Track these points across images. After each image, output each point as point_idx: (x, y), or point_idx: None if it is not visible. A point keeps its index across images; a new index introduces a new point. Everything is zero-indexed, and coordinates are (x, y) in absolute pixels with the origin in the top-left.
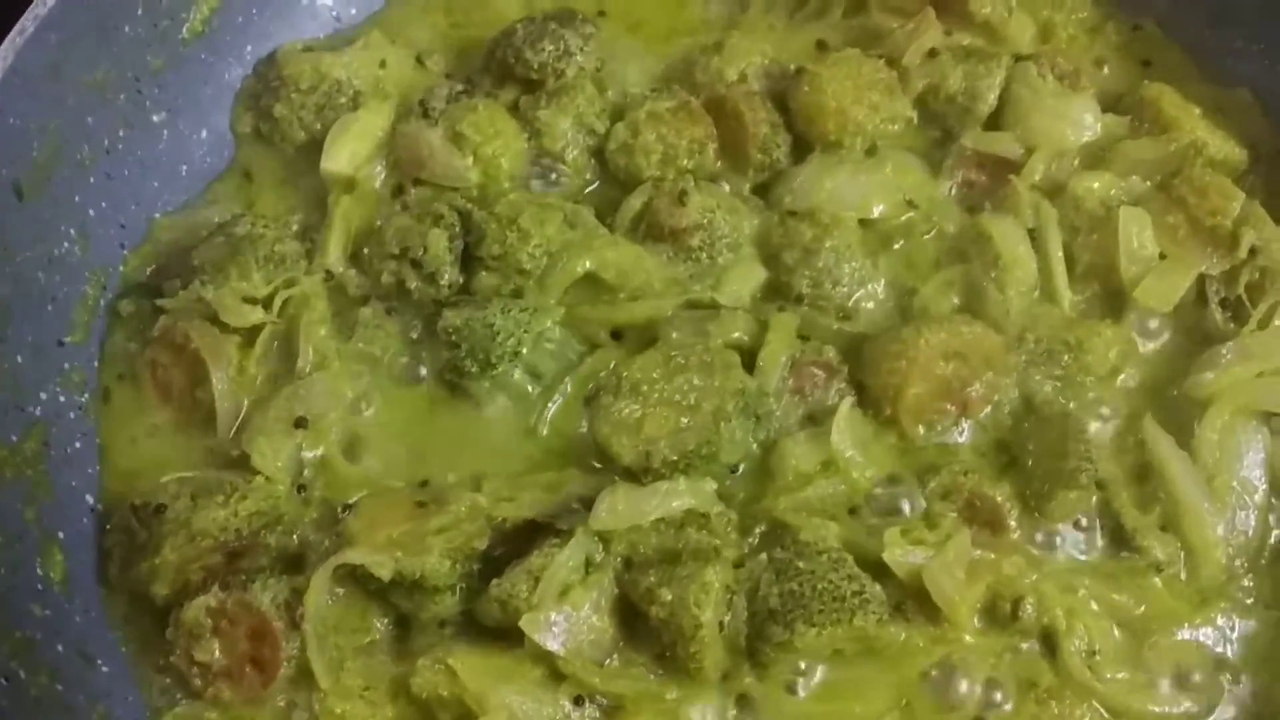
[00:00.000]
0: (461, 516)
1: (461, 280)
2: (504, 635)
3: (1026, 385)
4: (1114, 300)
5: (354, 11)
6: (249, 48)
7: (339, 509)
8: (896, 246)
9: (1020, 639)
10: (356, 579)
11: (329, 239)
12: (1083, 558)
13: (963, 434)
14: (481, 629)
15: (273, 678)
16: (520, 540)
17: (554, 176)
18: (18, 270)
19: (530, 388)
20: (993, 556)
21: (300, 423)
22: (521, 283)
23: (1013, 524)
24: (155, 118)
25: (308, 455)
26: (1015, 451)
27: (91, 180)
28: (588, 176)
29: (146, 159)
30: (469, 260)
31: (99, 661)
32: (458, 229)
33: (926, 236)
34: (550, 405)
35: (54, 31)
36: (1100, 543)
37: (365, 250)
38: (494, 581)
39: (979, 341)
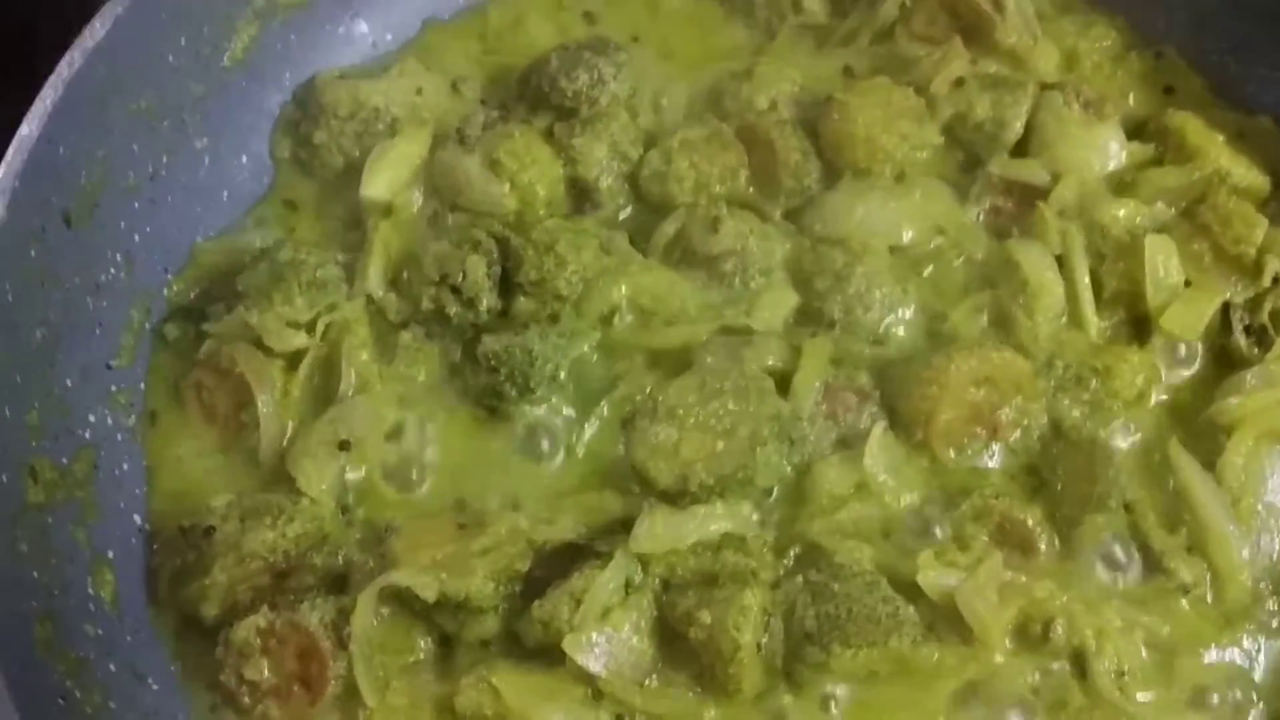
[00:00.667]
0: (503, 538)
1: (500, 306)
2: (545, 655)
3: (1055, 410)
4: (1140, 326)
5: (390, 39)
6: (288, 75)
7: (382, 530)
8: (926, 272)
9: (1051, 659)
10: (401, 599)
11: (369, 265)
12: (1111, 580)
13: (993, 458)
14: (523, 649)
15: (320, 696)
16: (560, 562)
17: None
18: (66, 296)
19: (568, 412)
20: (1024, 579)
21: (344, 445)
22: (558, 308)
23: (1042, 546)
24: (197, 144)
25: (351, 477)
26: (1044, 475)
27: (136, 206)
28: (621, 202)
29: (189, 185)
30: (507, 286)
31: (149, 680)
32: (495, 255)
33: (955, 263)
34: (587, 429)
35: (102, 62)
36: (1128, 565)
37: (405, 275)
38: (536, 603)
39: (1008, 367)
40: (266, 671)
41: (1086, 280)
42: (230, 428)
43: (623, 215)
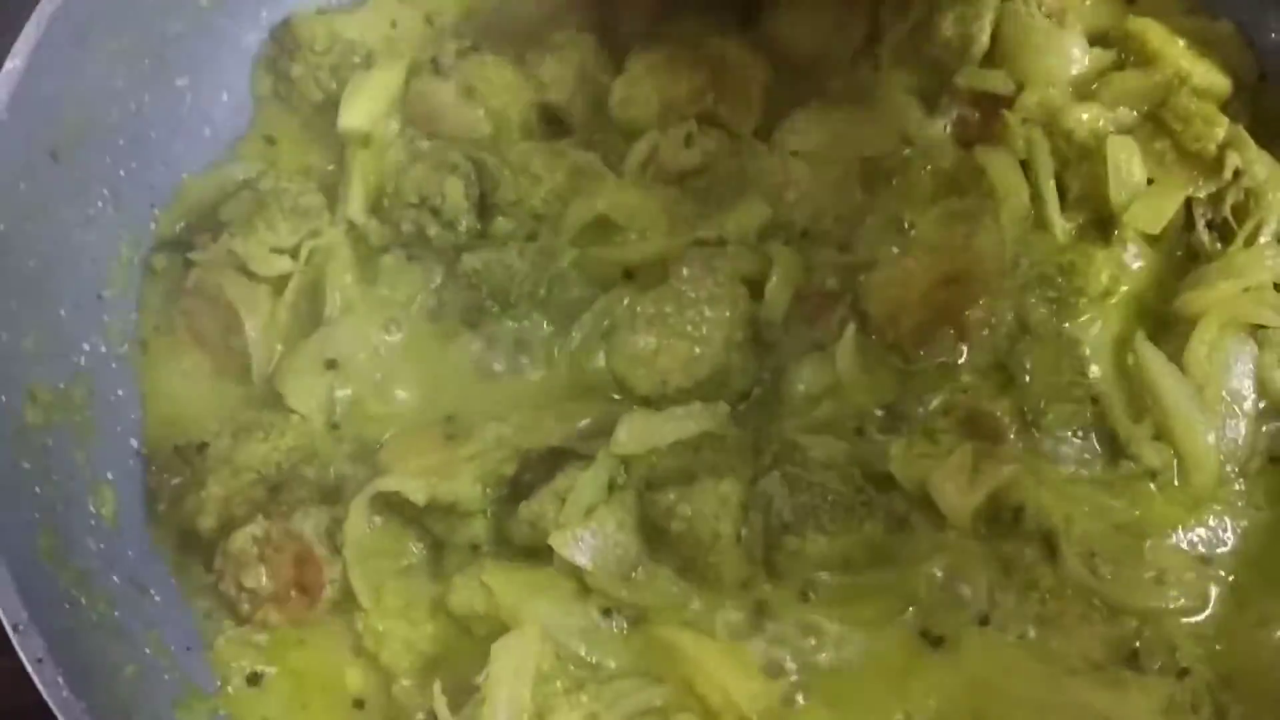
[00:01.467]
0: (489, 445)
1: (479, 226)
2: (534, 554)
3: (1022, 307)
4: (1105, 226)
5: None
6: (264, 13)
7: (372, 444)
8: (895, 182)
9: (1022, 543)
10: (392, 506)
11: (350, 192)
12: (1079, 468)
13: (961, 356)
14: (512, 550)
15: (317, 600)
16: (546, 467)
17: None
18: (56, 229)
19: (548, 326)
20: (994, 465)
21: (331, 364)
22: (536, 226)
23: (1012, 436)
24: (178, 82)
25: (339, 394)
26: (1012, 370)
27: (121, 142)
28: (594, 126)
29: (171, 121)
30: (485, 207)
31: (151, 591)
32: (473, 177)
33: (923, 172)
34: (568, 342)
35: (81, 0)
36: (1096, 452)
37: (385, 201)
38: (523, 503)
39: (975, 267)
40: (265, 579)
41: (1051, 183)
42: (220, 353)
43: (596, 138)
